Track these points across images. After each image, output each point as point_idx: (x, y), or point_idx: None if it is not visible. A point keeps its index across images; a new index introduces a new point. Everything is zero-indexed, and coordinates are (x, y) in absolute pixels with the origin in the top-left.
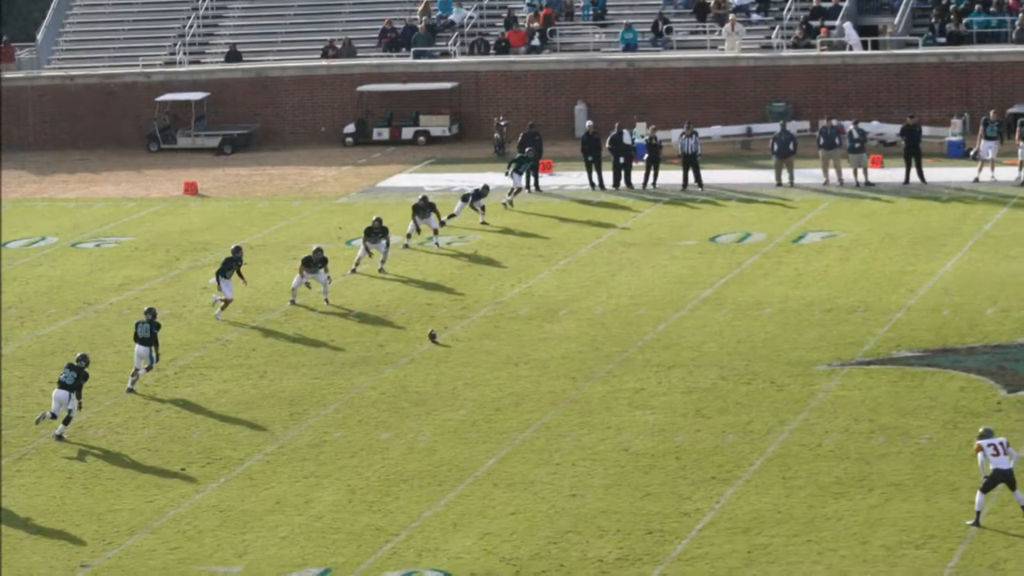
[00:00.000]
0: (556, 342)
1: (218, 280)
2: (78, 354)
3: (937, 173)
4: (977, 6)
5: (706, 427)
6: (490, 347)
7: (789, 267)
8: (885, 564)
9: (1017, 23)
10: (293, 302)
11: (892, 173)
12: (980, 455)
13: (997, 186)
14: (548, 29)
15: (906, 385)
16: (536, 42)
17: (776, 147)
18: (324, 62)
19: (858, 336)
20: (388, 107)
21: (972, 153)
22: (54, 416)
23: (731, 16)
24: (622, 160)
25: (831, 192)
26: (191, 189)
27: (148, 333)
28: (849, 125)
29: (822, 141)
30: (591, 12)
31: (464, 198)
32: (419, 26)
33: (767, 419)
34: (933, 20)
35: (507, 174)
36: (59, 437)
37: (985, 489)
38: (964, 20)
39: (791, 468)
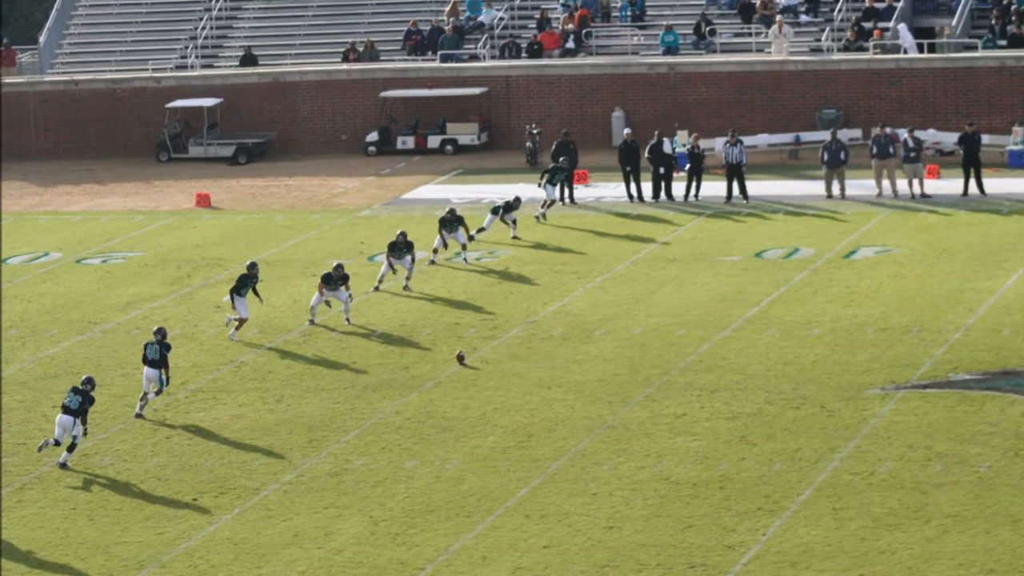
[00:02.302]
0: (592, 364)
1: (232, 298)
2: (83, 377)
3: (997, 184)
4: None
5: (752, 455)
6: (522, 369)
7: (840, 284)
8: None
9: None
10: (312, 322)
11: (949, 184)
12: None
13: None
14: (583, 31)
15: (964, 410)
16: (571, 45)
17: (826, 156)
18: (345, 66)
19: (913, 358)
20: (413, 114)
21: None
22: (58, 443)
23: (778, 17)
24: (662, 170)
25: (884, 204)
26: (203, 201)
27: (157, 355)
28: (904, 133)
29: (875, 150)
30: (629, 13)
31: (494, 211)
32: (446, 28)
33: (816, 446)
34: (993, 21)
35: (540, 185)
36: (63, 465)
37: None
38: None
39: (842, 498)
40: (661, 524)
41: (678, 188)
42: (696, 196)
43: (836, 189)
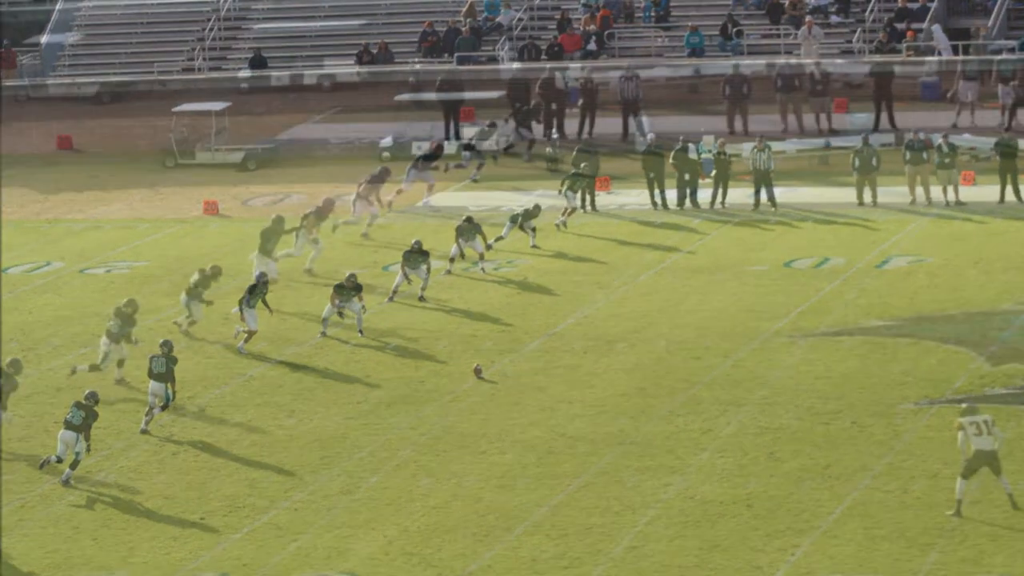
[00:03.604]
0: (614, 378)
1: (241, 309)
2: (86, 391)
3: None
4: None
5: (780, 472)
6: (541, 383)
7: (872, 295)
8: None
9: None
10: (324, 333)
11: (985, 191)
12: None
13: None
14: (605, 32)
15: (1001, 426)
16: (592, 46)
17: (857, 162)
18: (358, 68)
19: (948, 372)
20: (428, 118)
21: None
22: (60, 460)
23: (808, 18)
24: (687, 177)
25: (918, 212)
26: (211, 209)
27: (163, 368)
28: (938, 138)
29: (908, 156)
30: (653, 13)
31: (513, 219)
32: (463, 29)
33: (848, 463)
34: None
35: (560, 192)
36: (65, 483)
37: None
38: None
39: (874, 517)
40: (686, 544)
41: (704, 195)
42: (722, 203)
43: (868, 196)
